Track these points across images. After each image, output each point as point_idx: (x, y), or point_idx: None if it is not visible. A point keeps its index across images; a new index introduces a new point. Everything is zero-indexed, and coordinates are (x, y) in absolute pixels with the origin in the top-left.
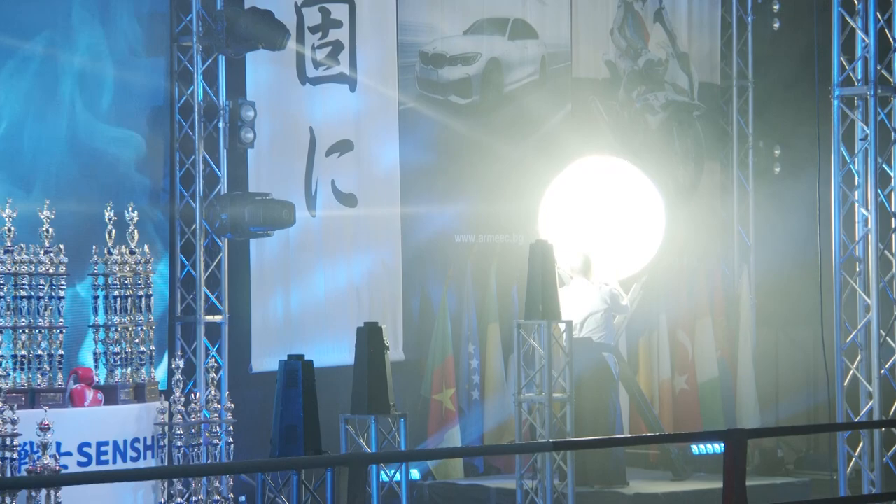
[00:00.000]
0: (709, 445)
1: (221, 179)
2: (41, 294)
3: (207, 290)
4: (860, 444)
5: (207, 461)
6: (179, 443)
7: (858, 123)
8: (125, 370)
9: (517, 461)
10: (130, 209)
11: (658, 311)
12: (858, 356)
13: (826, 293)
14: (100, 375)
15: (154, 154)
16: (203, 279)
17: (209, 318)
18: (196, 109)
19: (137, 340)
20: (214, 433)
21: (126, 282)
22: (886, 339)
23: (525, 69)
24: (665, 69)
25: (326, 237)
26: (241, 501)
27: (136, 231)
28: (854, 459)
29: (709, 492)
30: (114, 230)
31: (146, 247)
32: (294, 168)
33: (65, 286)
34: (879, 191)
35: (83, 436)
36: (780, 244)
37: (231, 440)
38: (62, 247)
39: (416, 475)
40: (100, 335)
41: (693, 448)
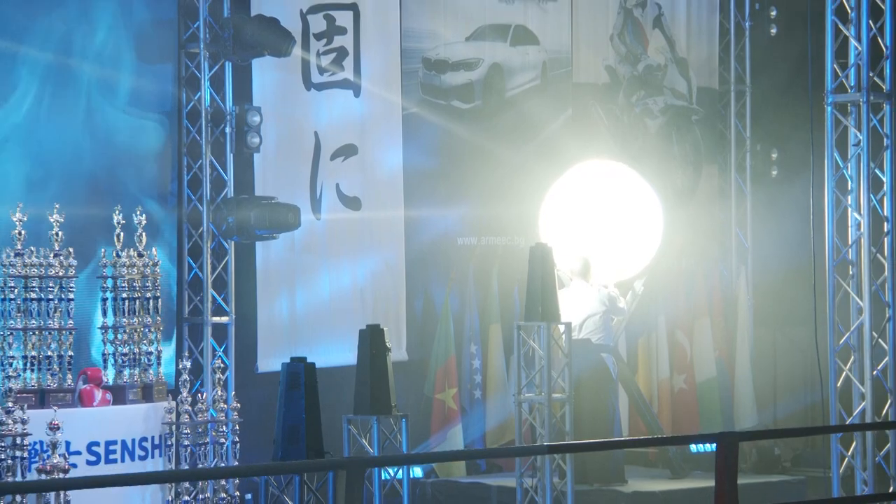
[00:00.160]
0: (707, 444)
1: (228, 183)
2: (51, 296)
3: (214, 292)
4: (853, 444)
5: (214, 460)
6: (186, 442)
7: (851, 129)
8: (133, 370)
9: (517, 460)
10: (138, 213)
11: (657, 312)
12: (851, 358)
13: (820, 296)
14: (108, 376)
15: (162, 158)
16: (210, 281)
17: (216, 320)
18: (203, 115)
19: (145, 341)
20: (221, 432)
21: (134, 284)
22: (879, 341)
23: (526, 74)
24: (664, 74)
25: (331, 240)
26: (247, 499)
27: (144, 234)
28: (847, 459)
29: (706, 490)
30: (122, 233)
31: (154, 250)
32: (299, 172)
33: (74, 288)
34: (872, 195)
35: (92, 435)
36: (777, 246)
37: (237, 439)
38: (71, 250)
39: (419, 473)
40: (108, 336)
41: (691, 446)
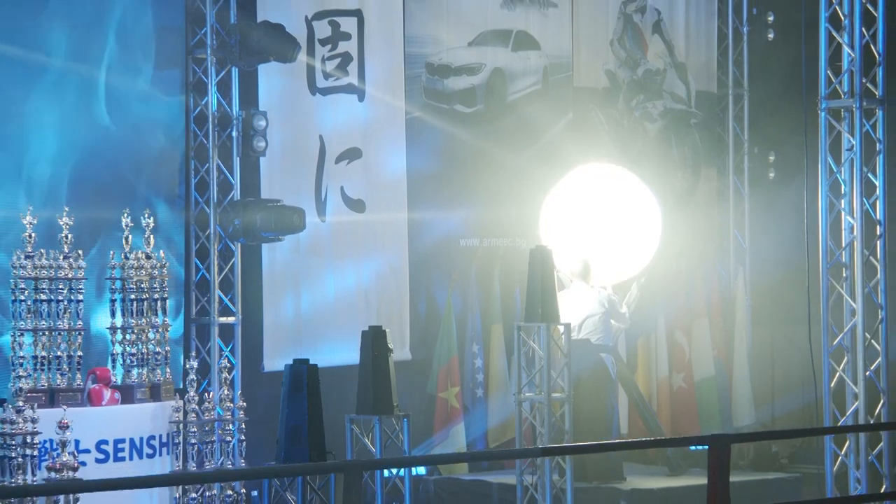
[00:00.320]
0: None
1: (234, 186)
2: (60, 298)
3: (221, 293)
4: (846, 444)
5: (220, 458)
6: (193, 440)
7: (845, 135)
8: (141, 370)
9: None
10: (146, 215)
11: (656, 313)
12: (845, 358)
13: (814, 297)
14: (117, 375)
15: (170, 162)
16: (217, 282)
17: (223, 320)
18: (210, 119)
19: (153, 342)
20: (227, 430)
21: (142, 285)
22: (871, 342)
23: (527, 79)
24: (663, 78)
25: (336, 242)
26: (254, 496)
27: (152, 237)
28: (841, 458)
29: (704, 487)
30: (130, 236)
31: (162, 252)
32: (304, 175)
33: (83, 290)
34: (865, 199)
35: (101, 433)
36: (775, 247)
37: (243, 437)
38: (80, 252)
39: (422, 470)
40: (117, 337)
41: (690, 448)
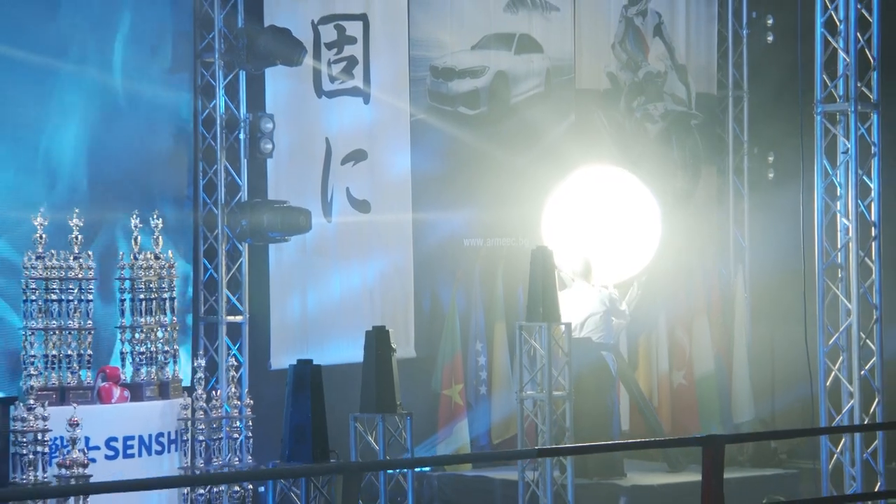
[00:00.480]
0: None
1: (242, 188)
2: (70, 297)
3: (229, 292)
4: (842, 442)
5: (228, 454)
6: (201, 437)
7: (840, 138)
8: (150, 368)
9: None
10: (155, 216)
11: (657, 311)
12: (840, 358)
13: (810, 298)
14: (126, 373)
15: (178, 164)
16: (225, 282)
17: (230, 319)
18: (218, 122)
19: (161, 340)
20: (235, 427)
21: (151, 285)
22: (866, 342)
23: (530, 82)
24: (664, 80)
25: (341, 242)
26: (261, 491)
27: (161, 237)
28: (836, 456)
29: None
30: (139, 236)
31: (170, 252)
32: (311, 176)
33: (93, 290)
34: (860, 201)
35: (110, 430)
36: (774, 247)
37: (250, 434)
38: (90, 253)
39: (427, 467)
40: (126, 336)
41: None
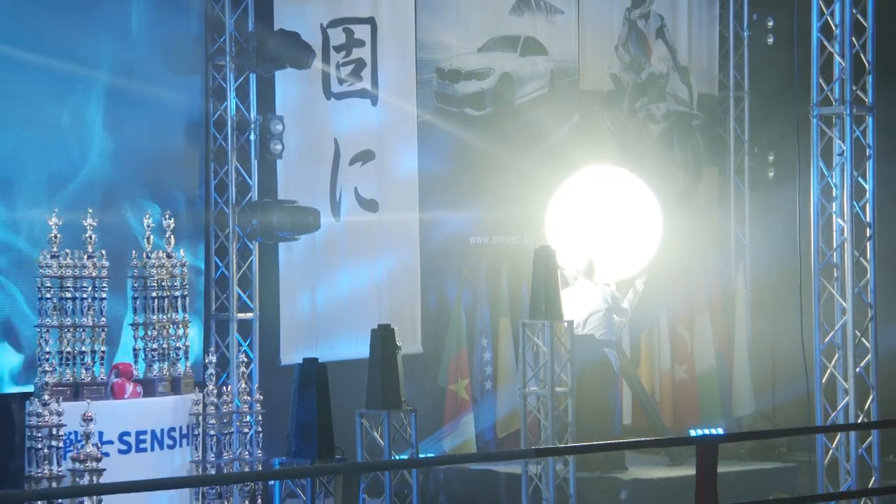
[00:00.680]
0: (706, 431)
1: (252, 188)
2: (84, 295)
3: (240, 290)
4: (837, 437)
5: (238, 448)
6: (212, 431)
7: (836, 140)
8: (162, 365)
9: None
10: (167, 216)
11: (659, 308)
12: (836, 355)
13: (806, 297)
14: (139, 370)
15: (190, 165)
16: (236, 279)
17: (241, 316)
18: (229, 123)
19: (173, 337)
20: (245, 422)
21: (163, 283)
22: (861, 340)
23: (535, 83)
24: (666, 82)
25: (350, 240)
26: (270, 484)
27: (173, 237)
28: (832, 452)
29: None
30: (151, 235)
31: (182, 251)
32: (320, 177)
33: (107, 288)
34: (855, 203)
35: (123, 425)
36: (773, 244)
37: (260, 428)
38: (104, 252)
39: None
40: (139, 332)
41: (691, 433)
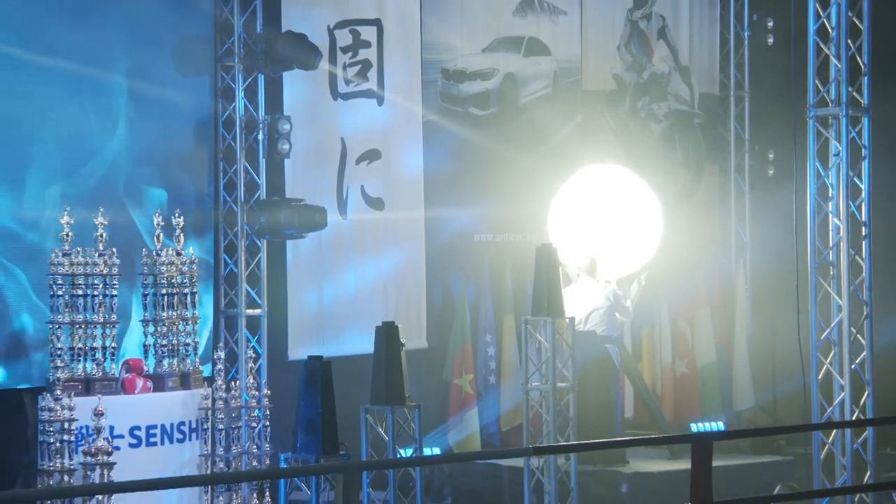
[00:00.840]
0: (706, 424)
1: (261, 186)
2: (95, 293)
3: (248, 287)
4: (833, 432)
5: (247, 442)
6: (221, 426)
7: (832, 141)
8: (172, 360)
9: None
10: (177, 215)
11: (660, 303)
12: (832, 352)
13: (803, 294)
14: (149, 365)
15: (200, 164)
16: (244, 276)
17: (250, 312)
18: (238, 123)
19: (183, 333)
20: (253, 416)
21: (173, 280)
22: (857, 337)
23: (538, 83)
24: (668, 81)
25: (356, 238)
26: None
27: (182, 235)
28: (828, 446)
29: None
30: (161, 233)
31: (191, 248)
32: (327, 175)
33: (117, 285)
34: (851, 202)
35: (134, 420)
36: (773, 241)
37: (268, 423)
38: (115, 250)
39: (437, 452)
40: (149, 329)
41: (692, 427)
